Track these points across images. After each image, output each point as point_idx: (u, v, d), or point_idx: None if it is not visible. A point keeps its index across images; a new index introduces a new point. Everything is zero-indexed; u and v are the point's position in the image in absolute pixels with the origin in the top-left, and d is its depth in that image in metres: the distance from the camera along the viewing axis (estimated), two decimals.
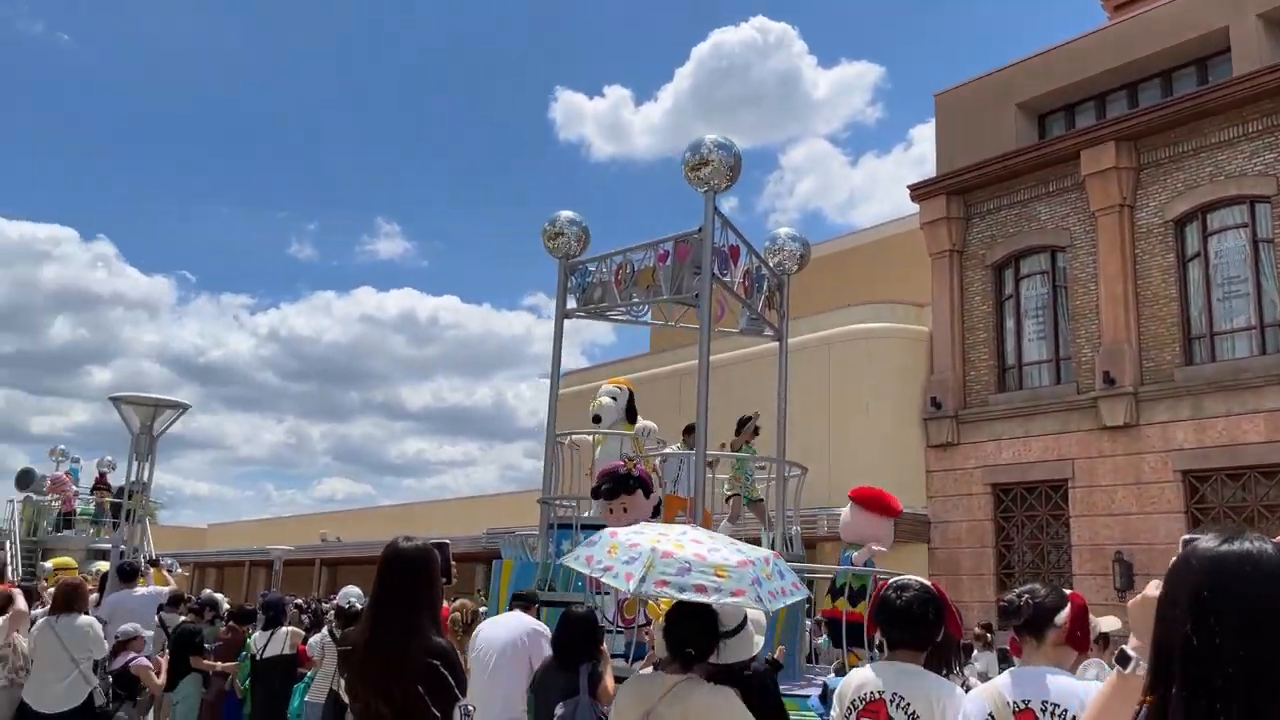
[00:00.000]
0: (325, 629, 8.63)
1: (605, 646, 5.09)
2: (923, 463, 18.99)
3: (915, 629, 3.41)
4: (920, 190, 19.95)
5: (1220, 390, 15.64)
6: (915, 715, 3.23)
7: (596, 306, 8.69)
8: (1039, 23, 71.58)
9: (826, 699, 5.31)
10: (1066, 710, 3.06)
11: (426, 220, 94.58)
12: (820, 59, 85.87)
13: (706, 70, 67.61)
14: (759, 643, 4.49)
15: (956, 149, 19.79)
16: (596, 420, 8.88)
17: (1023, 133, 19.54)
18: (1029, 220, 18.52)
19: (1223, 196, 16.19)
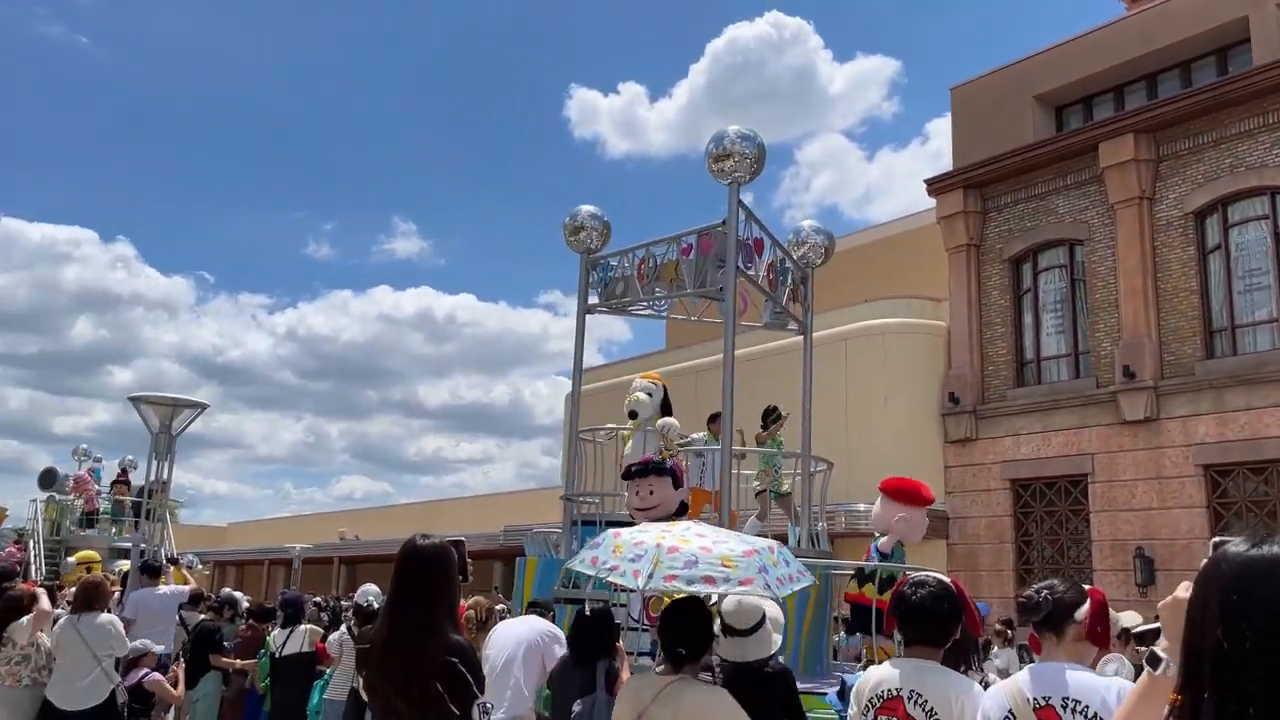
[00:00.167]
0: (344, 627, 8.67)
1: (621, 644, 5.10)
2: (941, 458, 18.90)
3: (930, 626, 3.38)
4: (937, 184, 19.85)
5: (1242, 383, 15.50)
6: (933, 712, 3.21)
7: (619, 301, 8.62)
8: (1056, 15, 71.16)
9: (845, 696, 5.29)
10: (1088, 706, 3.03)
11: (443, 219, 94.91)
12: (836, 53, 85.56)
13: (721, 66, 67.49)
14: (777, 640, 4.49)
15: (973, 143, 19.67)
16: (633, 416, 8.82)
17: (1040, 125, 19.40)
18: (1047, 214, 18.39)
19: (1243, 188, 16.03)
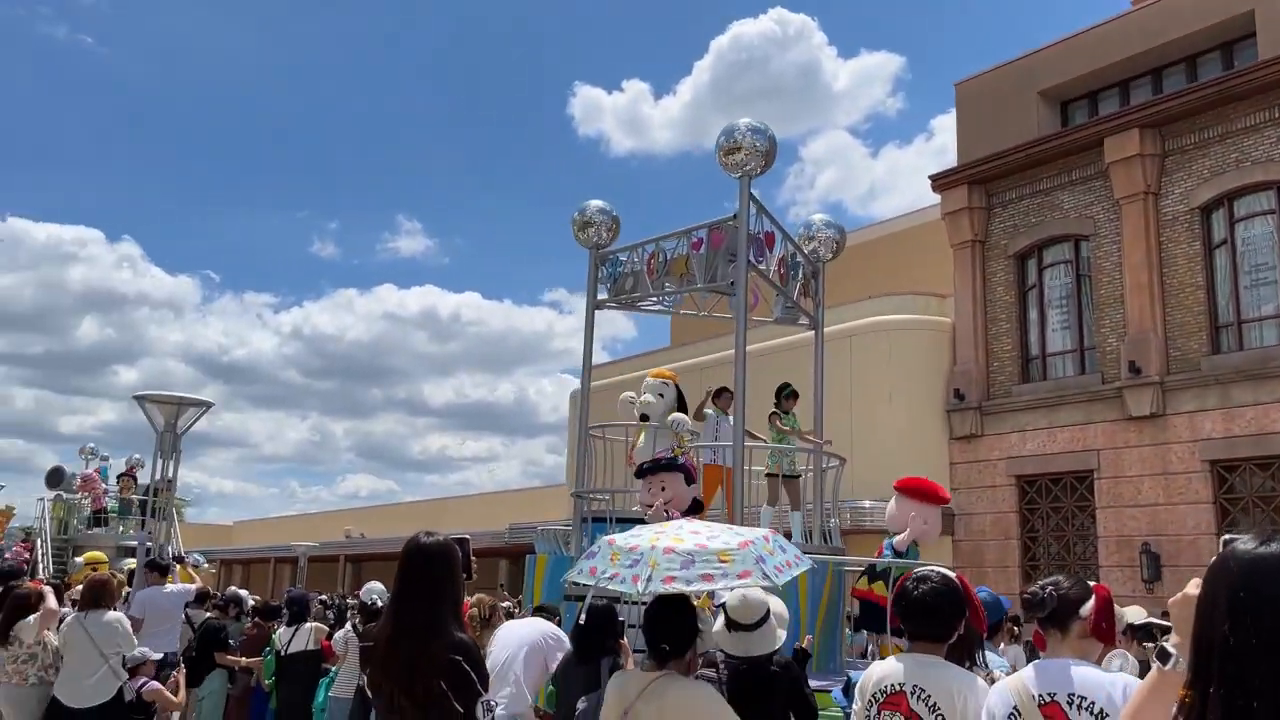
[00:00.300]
0: (349, 624, 8.68)
1: (625, 640, 5.10)
2: (946, 455, 18.87)
3: (932, 621, 3.37)
4: (941, 180, 19.81)
5: (1248, 379, 15.45)
6: (936, 707, 3.20)
7: (628, 296, 8.59)
8: (1061, 10, 70.97)
9: (850, 692, 5.29)
10: (1094, 703, 3.01)
11: (447, 217, 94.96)
12: (840, 50, 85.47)
13: (726, 63, 67.43)
14: (782, 636, 4.49)
15: (978, 138, 19.63)
16: (644, 419, 8.83)
17: (1045, 121, 19.35)
18: (1052, 209, 18.35)
19: (1249, 183, 15.97)
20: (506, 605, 11.62)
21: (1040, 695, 3.10)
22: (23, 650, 6.81)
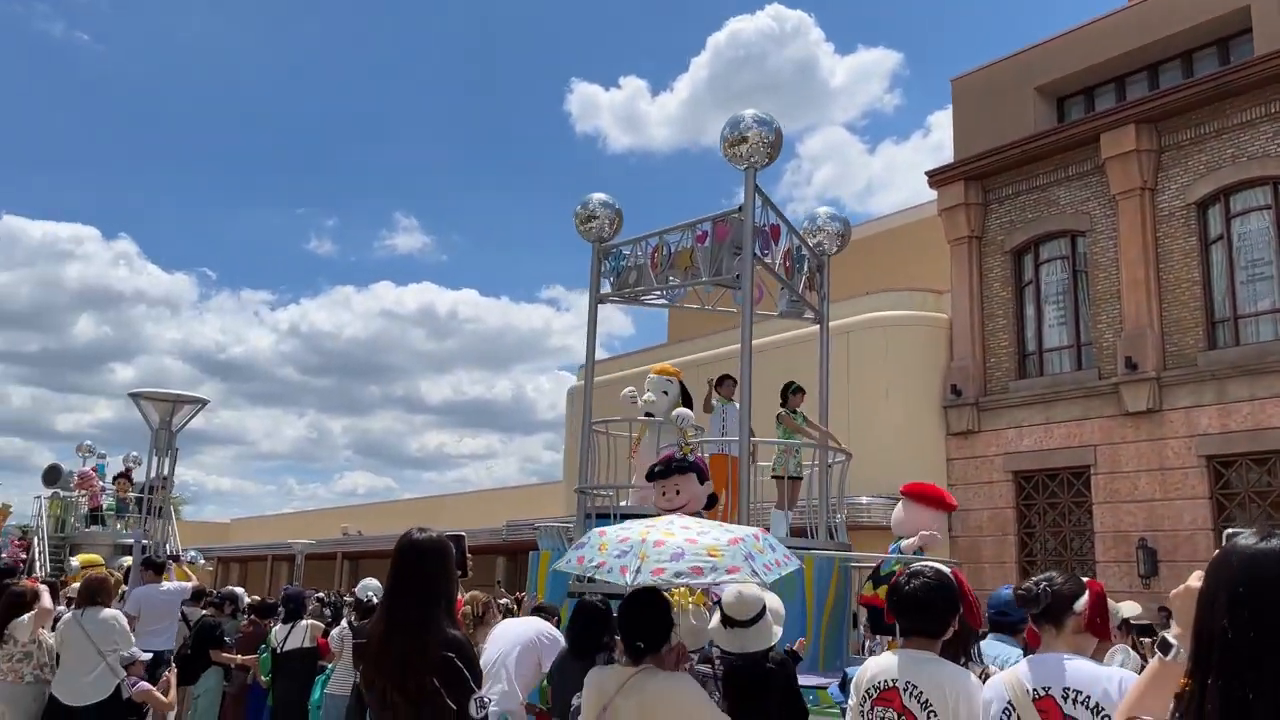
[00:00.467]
0: (344, 621, 8.68)
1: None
2: (943, 451, 18.87)
3: (925, 616, 3.37)
4: (938, 176, 19.80)
5: (1244, 374, 15.46)
6: (928, 704, 3.20)
7: (632, 290, 8.52)
8: (1058, 5, 70.91)
9: (846, 687, 5.29)
10: (1089, 696, 3.01)
11: (445, 215, 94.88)
12: (837, 46, 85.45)
13: (723, 60, 67.37)
14: (777, 633, 4.48)
15: (974, 134, 19.62)
16: (648, 416, 8.81)
17: (1041, 116, 19.34)
18: (1049, 205, 18.35)
19: (1245, 178, 15.98)
20: (504, 602, 11.62)
21: (1035, 689, 3.11)
22: (18, 649, 6.80)
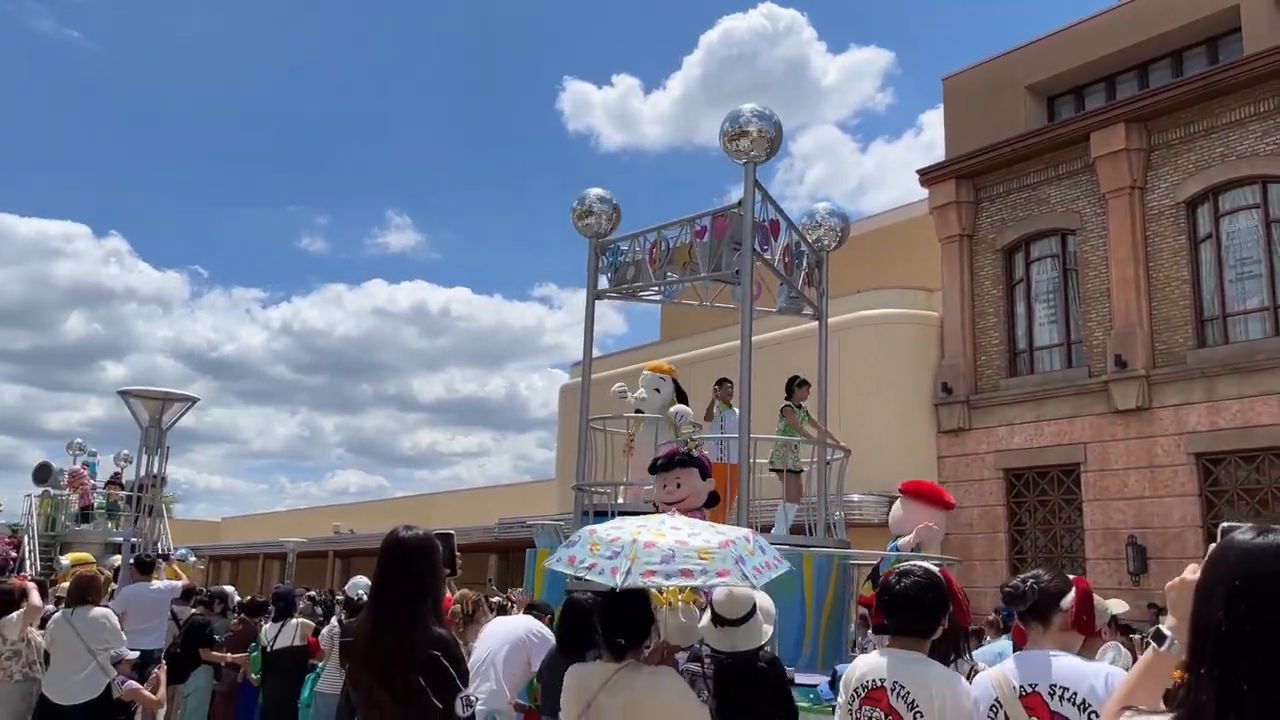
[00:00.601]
0: (335, 619, 8.67)
1: None
2: (934, 448, 18.93)
3: (915, 615, 3.37)
4: (929, 175, 19.85)
5: (1233, 372, 15.54)
6: (915, 704, 3.20)
7: (629, 286, 8.45)
8: (1048, 4, 71.07)
9: (836, 685, 5.30)
10: (1076, 693, 3.03)
11: (437, 213, 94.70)
12: (829, 45, 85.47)
13: (716, 58, 67.33)
14: (768, 631, 4.48)
15: (965, 133, 19.66)
16: (640, 413, 8.78)
17: (1032, 115, 19.40)
18: (1039, 203, 18.40)
19: (1234, 177, 16.04)
20: (497, 600, 11.60)
21: (1021, 686, 3.12)
22: (6, 647, 6.79)
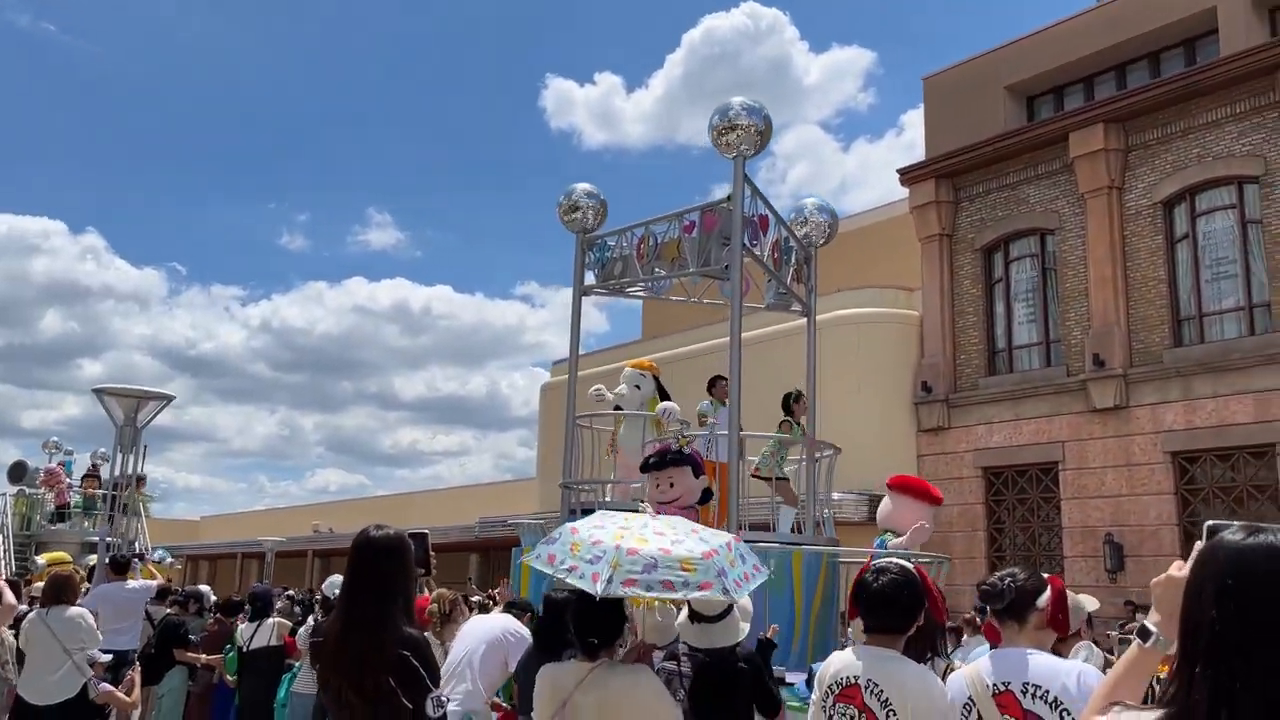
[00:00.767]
0: (310, 619, 8.61)
1: None
2: (914, 447, 19.00)
3: (892, 612, 3.38)
4: (909, 174, 19.92)
5: (1209, 371, 15.67)
6: (888, 702, 3.21)
7: (617, 282, 8.37)
8: (1028, 5, 71.41)
9: (813, 683, 5.30)
10: (1048, 691, 3.04)
11: (418, 210, 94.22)
12: (812, 44, 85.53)
13: (699, 57, 67.23)
14: (745, 628, 4.48)
15: (945, 132, 19.75)
16: (618, 409, 8.73)
17: (1011, 115, 19.50)
18: (1018, 203, 18.50)
19: (1211, 177, 16.18)
20: (477, 599, 11.55)
21: (995, 684, 3.13)
22: None
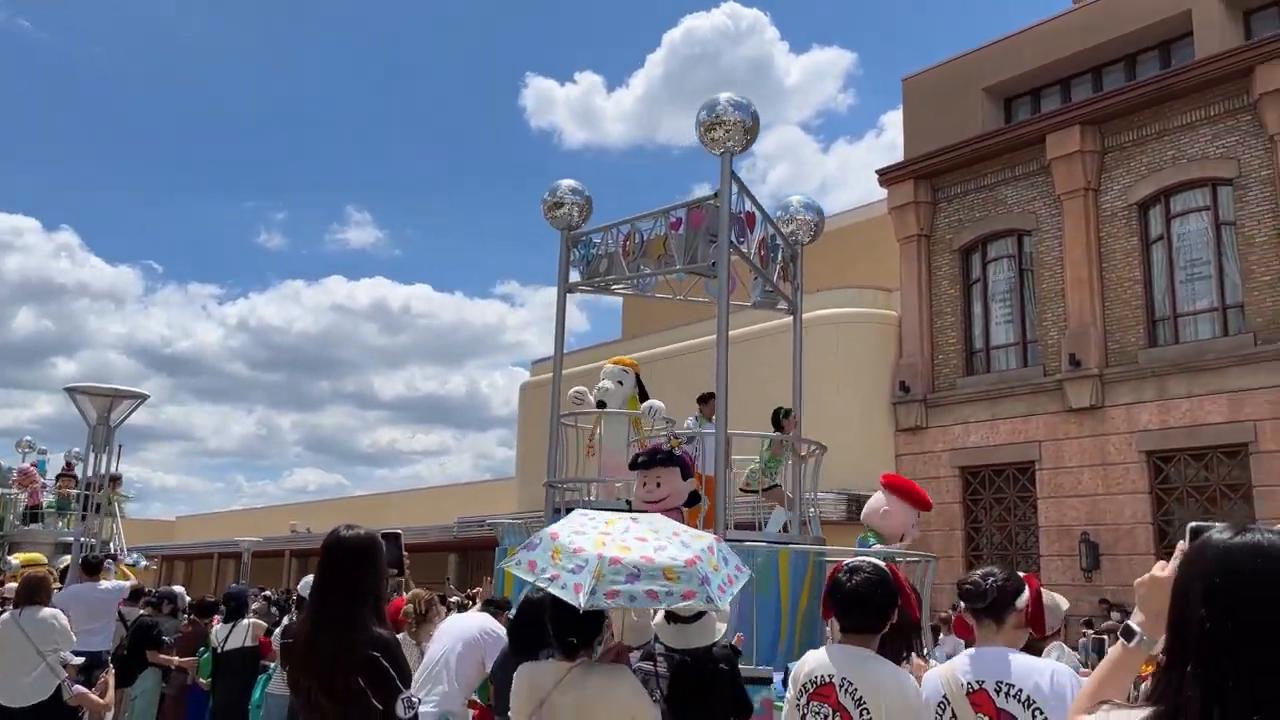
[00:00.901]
0: (286, 619, 8.53)
1: None
2: (892, 446, 19.08)
3: (866, 611, 3.38)
4: (888, 175, 19.99)
5: (1183, 371, 15.81)
6: (862, 701, 3.21)
7: (602, 279, 8.28)
8: (1008, 6, 71.88)
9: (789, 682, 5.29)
10: (1021, 690, 3.05)
11: (398, 209, 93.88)
12: (792, 45, 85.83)
13: (679, 57, 67.36)
14: (721, 629, 4.47)
15: (924, 133, 19.84)
16: (602, 405, 8.67)
17: (989, 117, 19.62)
18: (996, 204, 18.61)
19: (1185, 179, 16.33)
20: (455, 599, 11.50)
21: (969, 683, 3.14)
22: None
